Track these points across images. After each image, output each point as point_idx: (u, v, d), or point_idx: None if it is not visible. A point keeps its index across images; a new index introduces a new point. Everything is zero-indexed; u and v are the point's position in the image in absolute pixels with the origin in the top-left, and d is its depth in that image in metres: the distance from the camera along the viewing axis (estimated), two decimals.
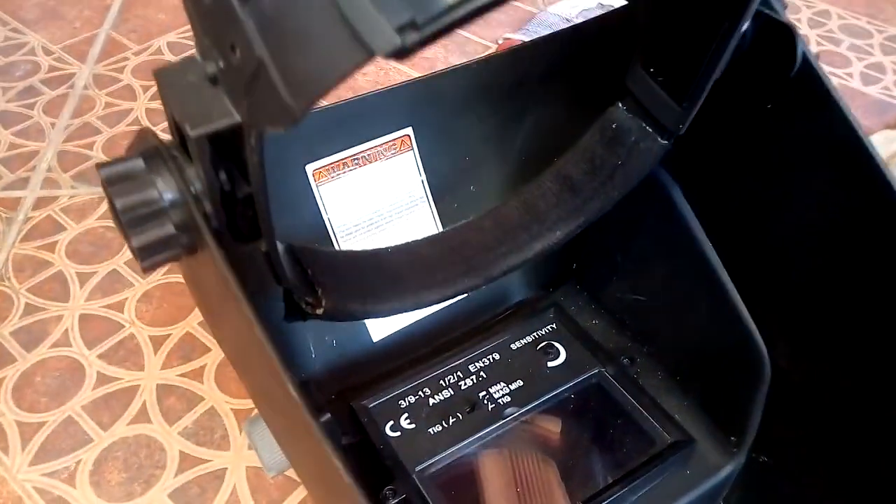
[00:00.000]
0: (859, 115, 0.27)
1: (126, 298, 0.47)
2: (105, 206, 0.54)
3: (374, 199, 0.42)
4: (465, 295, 0.44)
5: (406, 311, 0.32)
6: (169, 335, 0.45)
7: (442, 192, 0.43)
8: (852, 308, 0.29)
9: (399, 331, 0.43)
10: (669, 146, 0.33)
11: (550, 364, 0.39)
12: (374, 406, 0.37)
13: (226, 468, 0.39)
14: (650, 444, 0.35)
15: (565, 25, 0.43)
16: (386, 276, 0.32)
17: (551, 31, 0.40)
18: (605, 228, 0.42)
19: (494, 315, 0.45)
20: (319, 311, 0.28)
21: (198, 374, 0.43)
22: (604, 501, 0.33)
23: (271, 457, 0.32)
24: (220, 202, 0.21)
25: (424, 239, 0.35)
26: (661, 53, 0.31)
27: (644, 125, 0.33)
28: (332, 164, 0.40)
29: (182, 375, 0.43)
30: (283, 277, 0.25)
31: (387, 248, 0.33)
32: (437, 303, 0.33)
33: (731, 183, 0.35)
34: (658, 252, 0.38)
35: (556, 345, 0.40)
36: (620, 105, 0.34)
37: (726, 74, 0.29)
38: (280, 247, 0.27)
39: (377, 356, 0.42)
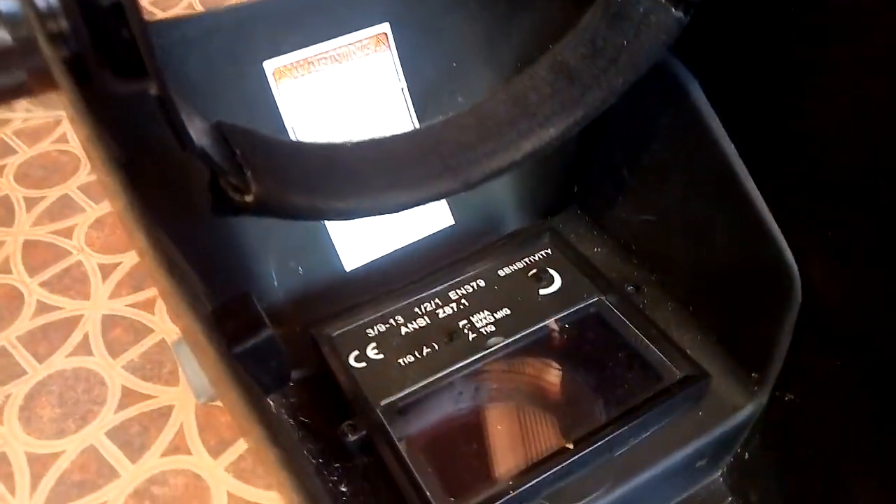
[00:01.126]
0: None
1: (76, 224, 0.43)
2: (61, 128, 0.49)
3: (344, 105, 0.36)
4: (451, 222, 0.40)
5: (366, 213, 0.27)
6: (119, 263, 0.40)
7: (424, 102, 0.38)
8: None
9: (376, 260, 0.38)
10: (686, 20, 0.27)
11: (543, 292, 0.34)
12: (337, 335, 0.32)
13: (172, 405, 0.34)
14: (657, 380, 0.30)
15: None
16: (343, 170, 0.27)
17: None
18: (610, 138, 0.37)
19: (485, 246, 0.40)
20: (249, 199, 0.23)
21: (148, 305, 0.38)
22: (600, 441, 0.28)
23: (199, 381, 0.27)
24: (79, 13, 0.15)
25: (395, 135, 0.29)
26: None
27: None
28: (294, 62, 0.35)
29: (131, 306, 0.38)
30: (187, 142, 0.19)
31: (348, 142, 0.28)
32: (405, 207, 0.28)
33: (759, 75, 0.29)
34: (672, 160, 0.33)
35: (551, 271, 0.35)
36: None
37: None
38: (204, 124, 0.22)
39: (350, 288, 0.37)
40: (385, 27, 0.36)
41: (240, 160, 0.23)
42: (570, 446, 0.28)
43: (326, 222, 0.37)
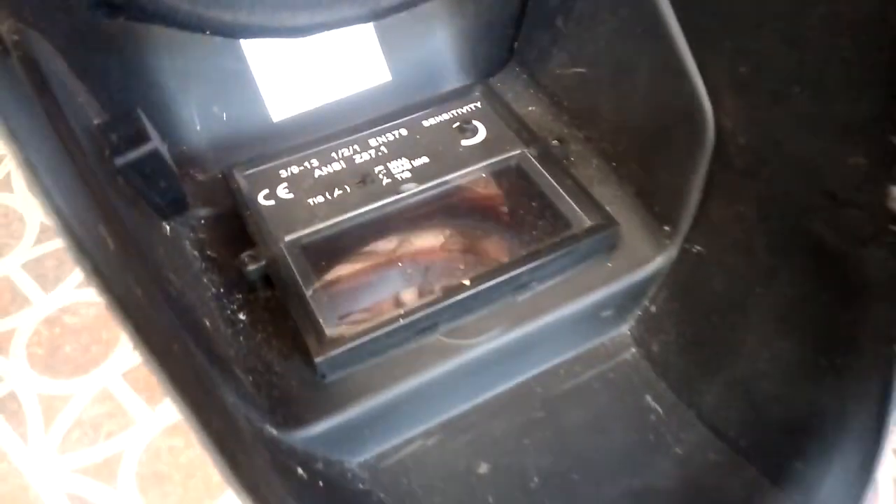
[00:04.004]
0: None
1: None
2: None
3: None
4: (387, 78, 0.39)
5: (255, 32, 0.26)
6: None
7: None
8: (818, 44, 0.23)
9: (305, 113, 0.37)
10: None
11: (465, 142, 0.33)
12: (249, 173, 0.32)
13: None
14: (566, 227, 0.30)
15: None
16: None
17: None
18: None
19: (417, 102, 0.39)
20: None
21: None
22: (496, 279, 0.28)
23: None
24: None
25: None
26: None
27: None
28: None
29: None
30: None
31: None
32: (301, 31, 0.27)
33: None
34: (600, 4, 0.31)
35: (476, 123, 0.34)
36: None
37: None
38: None
39: (277, 138, 0.36)
40: None
41: None
42: (467, 283, 0.28)
43: (253, 69, 0.36)
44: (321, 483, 0.25)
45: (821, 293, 0.24)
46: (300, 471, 0.24)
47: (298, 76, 0.37)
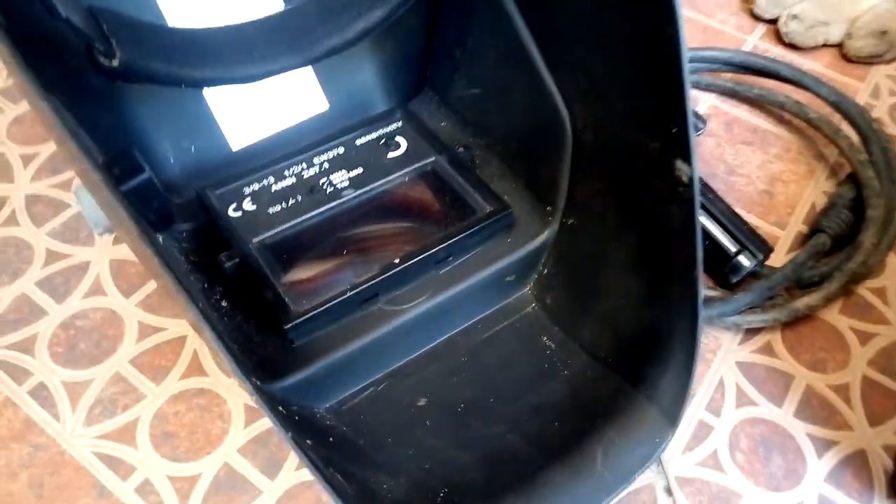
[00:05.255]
0: None
1: None
2: None
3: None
4: (325, 107, 0.47)
5: (219, 82, 0.34)
6: (38, 153, 0.47)
7: None
8: (622, 58, 0.32)
9: (260, 141, 0.45)
10: None
11: (391, 155, 0.42)
12: (218, 192, 0.40)
13: (89, 261, 0.42)
14: (472, 213, 0.39)
15: None
16: (201, 46, 0.33)
17: None
18: (445, 26, 0.44)
19: (351, 124, 0.47)
20: (115, 64, 0.29)
21: (66, 185, 0.45)
22: (419, 256, 0.36)
23: (95, 214, 0.34)
24: None
25: (248, 22, 0.36)
26: None
27: None
28: None
29: (51, 186, 0.45)
30: (54, 12, 0.26)
31: (206, 28, 0.35)
32: (254, 78, 0.35)
33: None
34: (484, 40, 0.40)
35: (399, 138, 0.43)
36: None
37: None
38: (75, 3, 0.28)
39: (238, 164, 0.44)
40: None
41: (106, 32, 0.29)
42: (397, 261, 0.36)
43: (212, 108, 0.44)
44: (297, 419, 0.33)
45: (649, 241, 0.33)
46: (281, 408, 0.32)
47: (251, 111, 0.45)
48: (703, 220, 0.42)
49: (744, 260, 0.40)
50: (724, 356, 0.40)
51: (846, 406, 0.38)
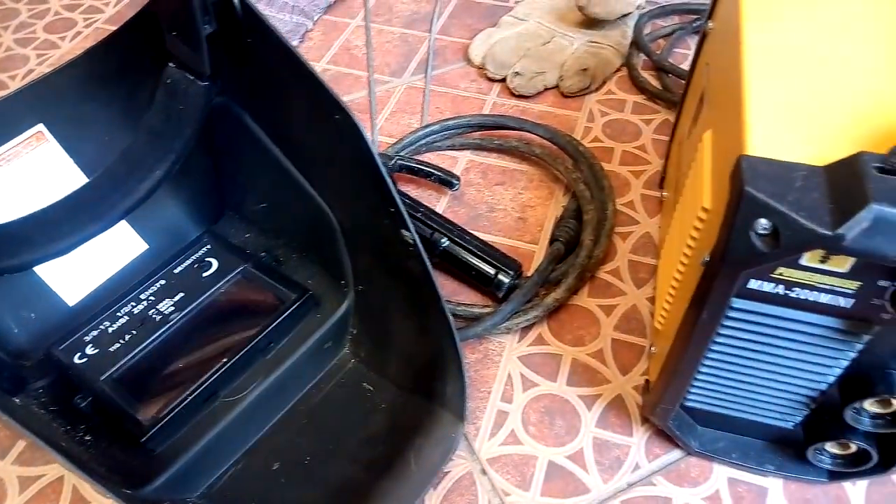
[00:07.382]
0: (474, 21, 0.38)
1: None
2: None
3: (31, 190, 0.49)
4: (145, 247, 0.54)
5: (36, 262, 0.41)
6: None
7: (96, 167, 0.52)
8: (350, 172, 0.42)
9: (93, 291, 0.52)
10: (211, 86, 0.44)
11: (205, 274, 0.50)
12: (62, 348, 0.46)
13: None
14: (282, 303, 0.48)
15: None
16: (14, 237, 0.41)
17: None
18: (226, 163, 0.53)
19: (169, 257, 0.55)
20: None
21: None
22: (243, 350, 0.45)
23: None
24: None
25: (50, 205, 0.44)
26: (175, 24, 0.42)
27: (187, 75, 0.44)
28: None
29: None
30: None
31: (13, 220, 0.42)
32: (65, 252, 0.43)
33: (268, 106, 0.46)
34: (254, 165, 0.50)
35: (210, 259, 0.51)
36: (171, 64, 0.44)
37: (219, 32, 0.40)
38: None
39: (79, 316, 0.51)
40: (40, 127, 0.50)
41: None
42: (226, 360, 0.44)
43: (43, 277, 0.50)
44: None
45: (409, 290, 0.44)
46: None
47: (80, 269, 0.51)
48: (466, 255, 0.53)
49: (503, 278, 0.52)
50: (508, 355, 0.51)
51: (603, 366, 0.50)
